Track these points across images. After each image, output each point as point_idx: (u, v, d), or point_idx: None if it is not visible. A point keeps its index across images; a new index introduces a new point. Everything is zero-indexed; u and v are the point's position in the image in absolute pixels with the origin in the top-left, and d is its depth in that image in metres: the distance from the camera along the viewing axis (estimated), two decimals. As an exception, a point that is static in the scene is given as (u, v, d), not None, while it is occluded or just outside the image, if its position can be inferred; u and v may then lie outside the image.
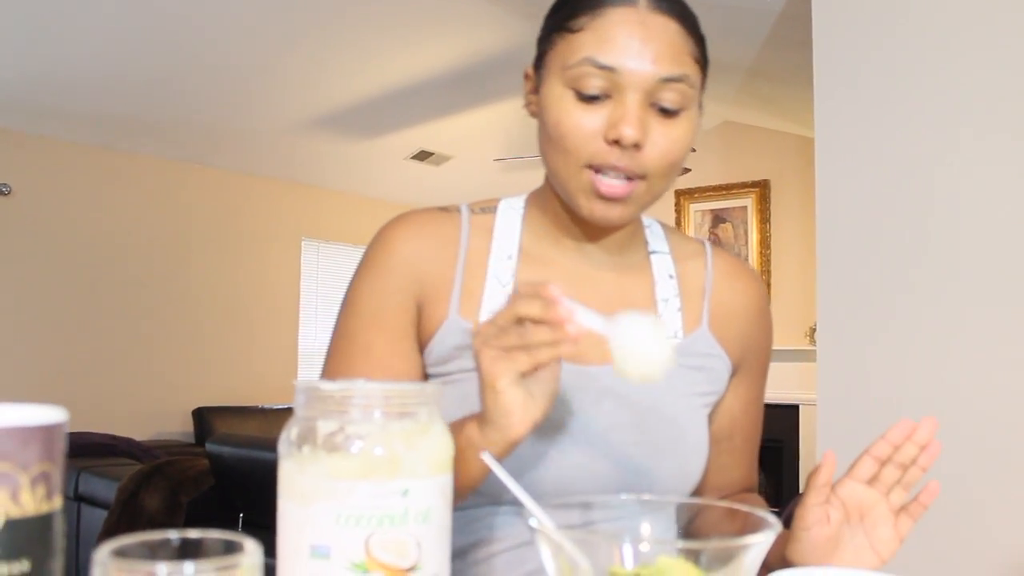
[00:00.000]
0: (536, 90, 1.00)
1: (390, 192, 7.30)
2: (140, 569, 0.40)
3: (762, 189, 6.82)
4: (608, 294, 1.04)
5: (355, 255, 7.19)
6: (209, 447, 3.65)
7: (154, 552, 0.43)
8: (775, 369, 1.20)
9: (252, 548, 0.43)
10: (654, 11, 0.92)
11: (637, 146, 0.91)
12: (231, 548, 0.43)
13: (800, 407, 5.97)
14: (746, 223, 6.90)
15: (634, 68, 0.90)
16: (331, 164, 6.65)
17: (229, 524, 3.61)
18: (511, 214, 1.08)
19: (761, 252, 6.79)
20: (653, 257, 1.09)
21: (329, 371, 1.03)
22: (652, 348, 0.74)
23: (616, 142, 0.90)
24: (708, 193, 6.98)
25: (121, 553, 0.41)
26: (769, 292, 6.70)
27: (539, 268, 1.04)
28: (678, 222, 7.07)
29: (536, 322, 0.73)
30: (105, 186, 5.82)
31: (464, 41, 4.95)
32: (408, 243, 1.03)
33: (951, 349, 2.33)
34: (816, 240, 2.64)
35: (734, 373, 1.11)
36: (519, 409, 0.77)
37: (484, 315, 1.00)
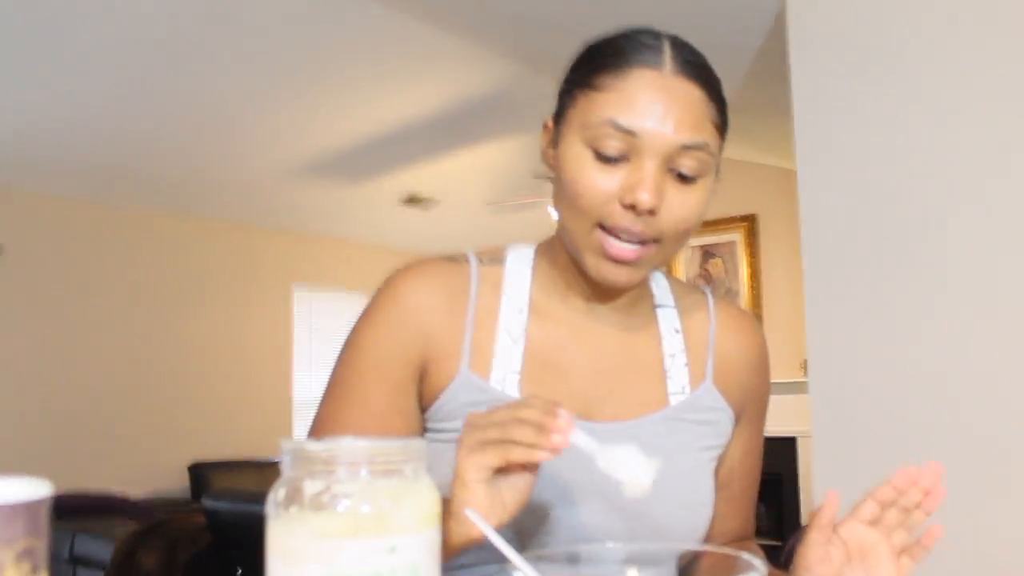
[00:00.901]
0: (554, 143, 0.99)
1: (380, 237, 7.32)
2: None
3: (750, 223, 6.86)
4: (616, 353, 1.05)
5: (348, 301, 7.19)
6: (205, 503, 3.62)
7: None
8: (771, 403, 1.19)
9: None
10: (678, 75, 0.92)
11: (652, 212, 0.90)
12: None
13: (798, 439, 5.95)
14: (735, 257, 6.92)
15: (655, 133, 0.89)
16: (321, 211, 6.67)
17: (227, 580, 3.58)
18: (520, 266, 1.06)
19: (751, 286, 6.81)
20: (659, 311, 1.09)
21: (322, 418, 1.01)
22: (636, 480, 0.76)
23: (632, 207, 0.90)
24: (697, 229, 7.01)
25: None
26: (761, 325, 6.71)
27: (549, 324, 1.03)
28: (668, 258, 7.09)
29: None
30: (95, 240, 5.83)
31: (450, 84, 4.99)
32: (417, 295, 1.01)
33: (942, 376, 2.33)
34: (803, 272, 2.65)
35: (736, 423, 1.11)
36: (482, 509, 0.75)
37: (496, 370, 0.99)
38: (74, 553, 3.96)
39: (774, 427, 1.21)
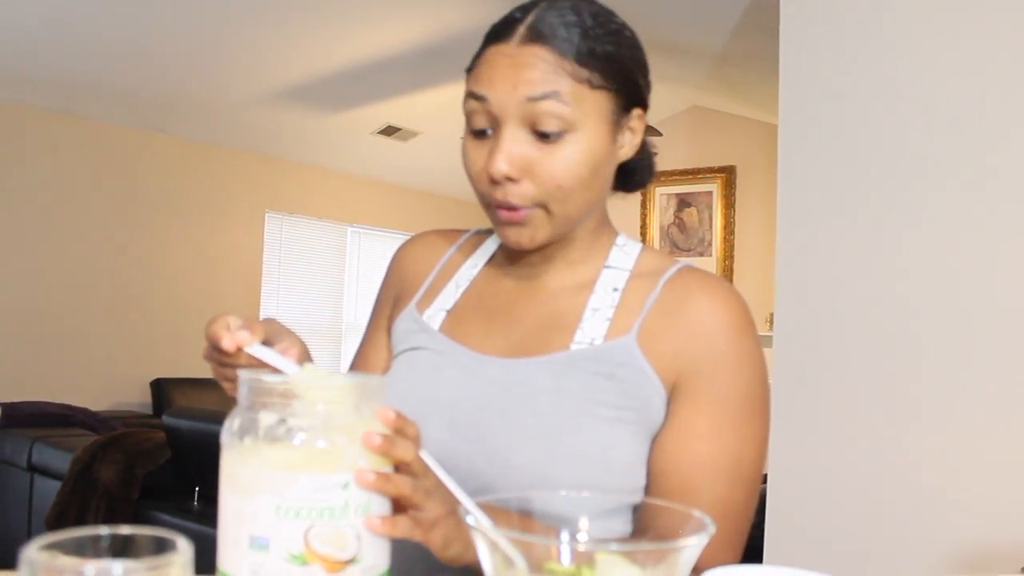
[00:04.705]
0: None
1: (356, 167, 7.25)
2: (68, 568, 0.39)
3: (728, 175, 6.86)
4: (543, 304, 1.06)
5: (319, 228, 7.15)
6: (166, 420, 3.62)
7: (84, 549, 0.42)
8: None
9: (184, 547, 0.43)
10: (526, 44, 0.94)
11: (511, 179, 0.94)
12: (163, 546, 0.43)
13: (758, 392, 6.03)
14: (711, 208, 6.93)
15: (500, 93, 0.94)
16: (297, 137, 6.58)
17: (185, 497, 3.60)
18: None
19: (725, 238, 6.84)
20: (605, 272, 1.06)
21: None
22: None
23: (493, 179, 0.95)
24: (674, 177, 7.01)
25: (49, 550, 0.41)
26: (731, 278, 6.76)
27: (496, 278, 1.12)
28: (644, 205, 7.09)
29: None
30: (65, 152, 5.72)
31: (432, 16, 4.91)
32: (406, 252, 1.21)
33: (908, 339, 2.36)
34: (776, 227, 2.66)
35: (672, 399, 0.99)
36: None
37: (432, 307, 1.12)
38: (32, 461, 3.96)
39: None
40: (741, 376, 0.98)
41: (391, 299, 1.18)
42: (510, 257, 1.10)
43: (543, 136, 0.94)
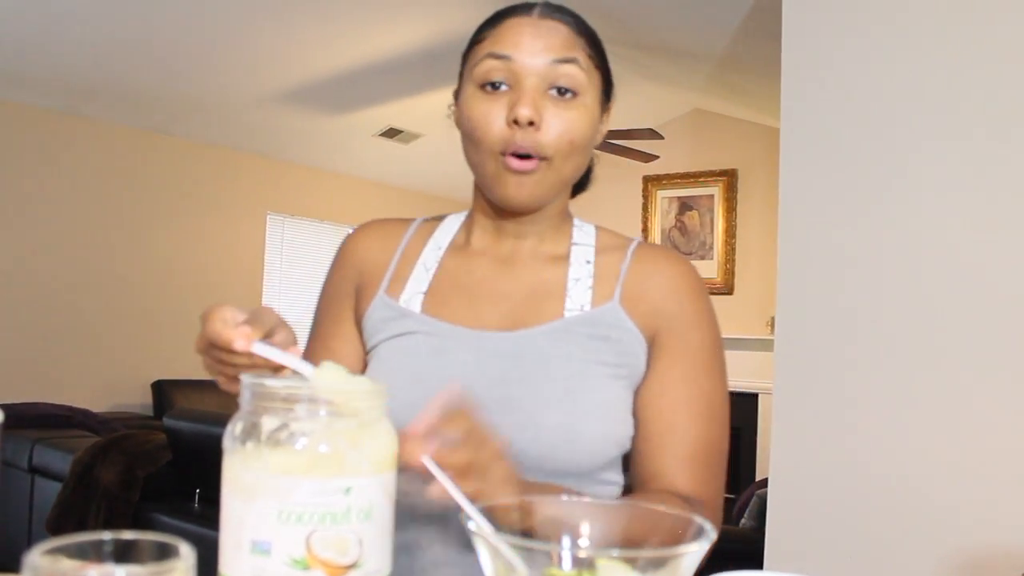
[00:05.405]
0: (456, 104, 1.13)
1: (357, 168, 7.25)
2: (71, 573, 0.39)
3: (730, 178, 6.86)
4: (522, 278, 1.13)
5: (321, 230, 7.15)
6: (167, 422, 3.62)
7: (87, 554, 0.43)
8: (734, 358, 1.16)
9: (186, 552, 0.43)
10: (545, 18, 1.06)
11: (533, 124, 1.01)
12: (166, 552, 0.43)
13: (759, 395, 6.04)
14: (712, 211, 6.94)
15: (527, 54, 1.03)
16: (299, 139, 6.59)
17: (186, 499, 3.60)
18: (453, 221, 1.22)
19: (726, 241, 6.84)
20: (575, 248, 1.15)
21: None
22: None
23: (515, 122, 1.01)
24: (676, 180, 7.01)
25: (52, 555, 0.41)
26: (732, 281, 6.76)
27: (466, 257, 1.16)
28: (645, 208, 7.10)
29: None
30: (67, 153, 5.72)
31: (434, 19, 4.92)
32: (356, 241, 1.22)
33: (909, 342, 2.36)
34: (778, 230, 2.66)
35: (651, 352, 1.10)
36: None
37: (405, 292, 1.14)
38: (33, 463, 3.96)
39: (737, 382, 1.16)
40: (706, 330, 1.12)
41: (351, 290, 1.19)
42: (485, 233, 1.16)
43: (560, 94, 1.04)
